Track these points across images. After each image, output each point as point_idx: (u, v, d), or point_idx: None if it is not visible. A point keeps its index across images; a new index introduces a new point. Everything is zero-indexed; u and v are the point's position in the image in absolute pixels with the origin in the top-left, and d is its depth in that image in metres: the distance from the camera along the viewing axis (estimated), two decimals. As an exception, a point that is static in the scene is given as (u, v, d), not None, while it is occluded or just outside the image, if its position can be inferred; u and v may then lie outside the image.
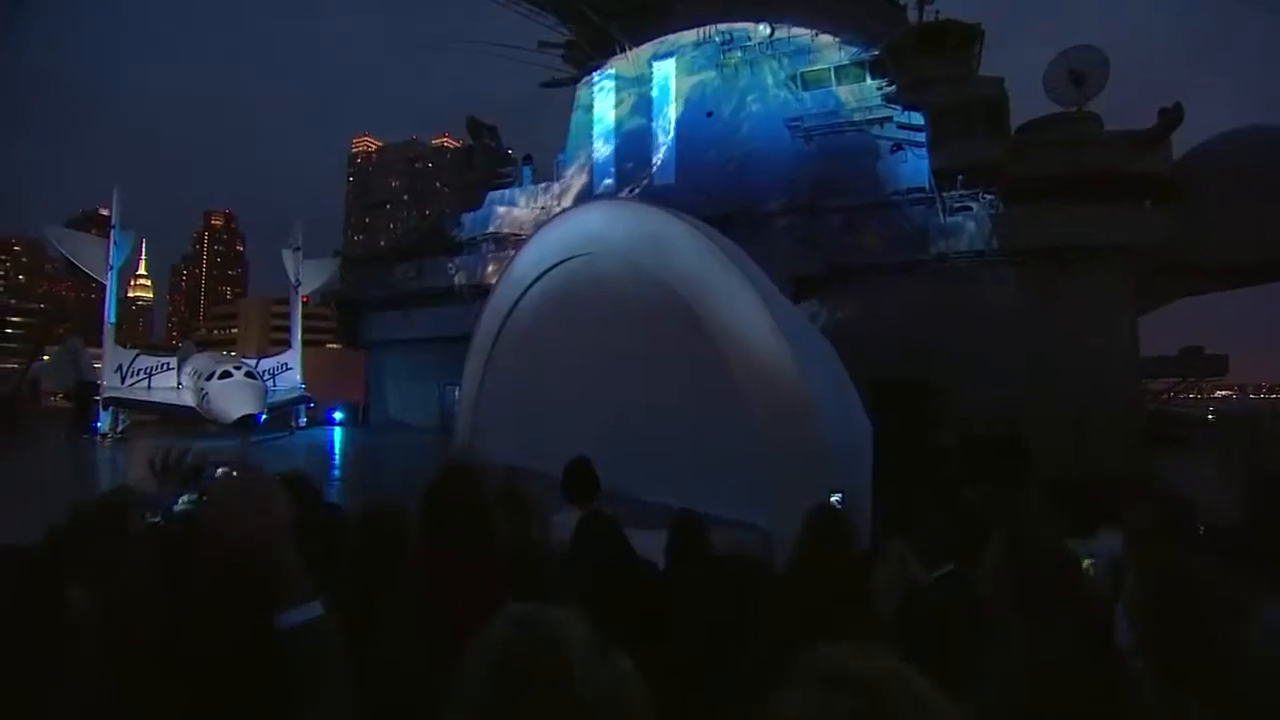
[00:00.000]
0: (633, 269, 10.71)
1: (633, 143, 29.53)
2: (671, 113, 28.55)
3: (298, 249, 31.48)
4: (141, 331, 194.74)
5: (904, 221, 22.50)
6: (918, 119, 22.18)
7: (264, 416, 21.51)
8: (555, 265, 12.66)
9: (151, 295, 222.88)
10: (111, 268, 24.99)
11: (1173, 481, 15.05)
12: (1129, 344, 21.31)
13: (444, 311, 29.15)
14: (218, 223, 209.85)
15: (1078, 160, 21.06)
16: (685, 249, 9.70)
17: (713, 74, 27.40)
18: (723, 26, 27.01)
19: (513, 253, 14.36)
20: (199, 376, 22.05)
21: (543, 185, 32.21)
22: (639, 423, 10.56)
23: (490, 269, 27.03)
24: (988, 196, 20.81)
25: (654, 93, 29.11)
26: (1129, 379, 21.20)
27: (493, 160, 34.80)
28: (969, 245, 21.09)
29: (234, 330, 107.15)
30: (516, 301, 13.86)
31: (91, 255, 25.54)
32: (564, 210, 29.72)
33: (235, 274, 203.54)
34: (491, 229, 31.41)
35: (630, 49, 29.14)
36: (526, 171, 32.96)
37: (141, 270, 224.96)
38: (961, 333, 20.81)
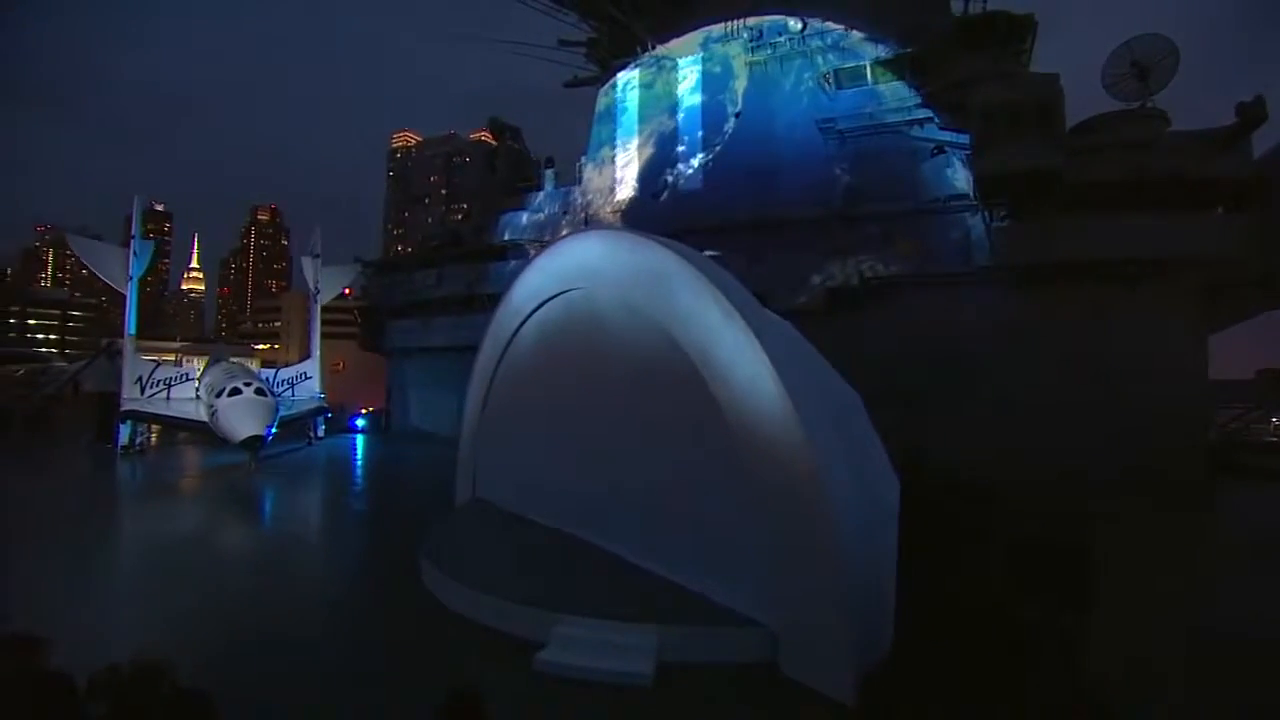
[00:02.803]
0: (630, 309, 9.66)
1: (658, 146, 28.30)
2: (698, 114, 27.22)
3: (317, 256, 31.17)
4: (193, 324, 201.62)
5: (945, 231, 20.84)
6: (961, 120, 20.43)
7: (273, 432, 21.09)
8: (553, 297, 11.70)
9: (203, 288, 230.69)
10: (131, 278, 24.88)
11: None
12: (1199, 366, 19.34)
13: (463, 320, 28.54)
14: (264, 217, 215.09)
15: (1143, 164, 19.05)
16: (685, 290, 8.57)
17: (741, 72, 25.94)
18: (751, 22, 25.52)
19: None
20: (211, 391, 21.74)
21: (564, 189, 31.23)
22: (635, 479, 9.54)
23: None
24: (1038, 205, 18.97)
25: (679, 93, 27.81)
26: (1199, 406, 19.26)
27: (515, 163, 33.94)
28: (1016, 257, 19.35)
29: (277, 324, 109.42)
30: (516, 330, 12.97)
31: (112, 265, 25.46)
32: (561, 236, 28.98)
33: (280, 267, 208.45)
34: (518, 236, 30.65)
35: (654, 47, 27.86)
36: (548, 175, 32.02)
37: (194, 264, 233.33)
38: (1009, 352, 19.23)
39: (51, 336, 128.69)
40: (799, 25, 24.46)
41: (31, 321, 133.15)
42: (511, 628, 7.97)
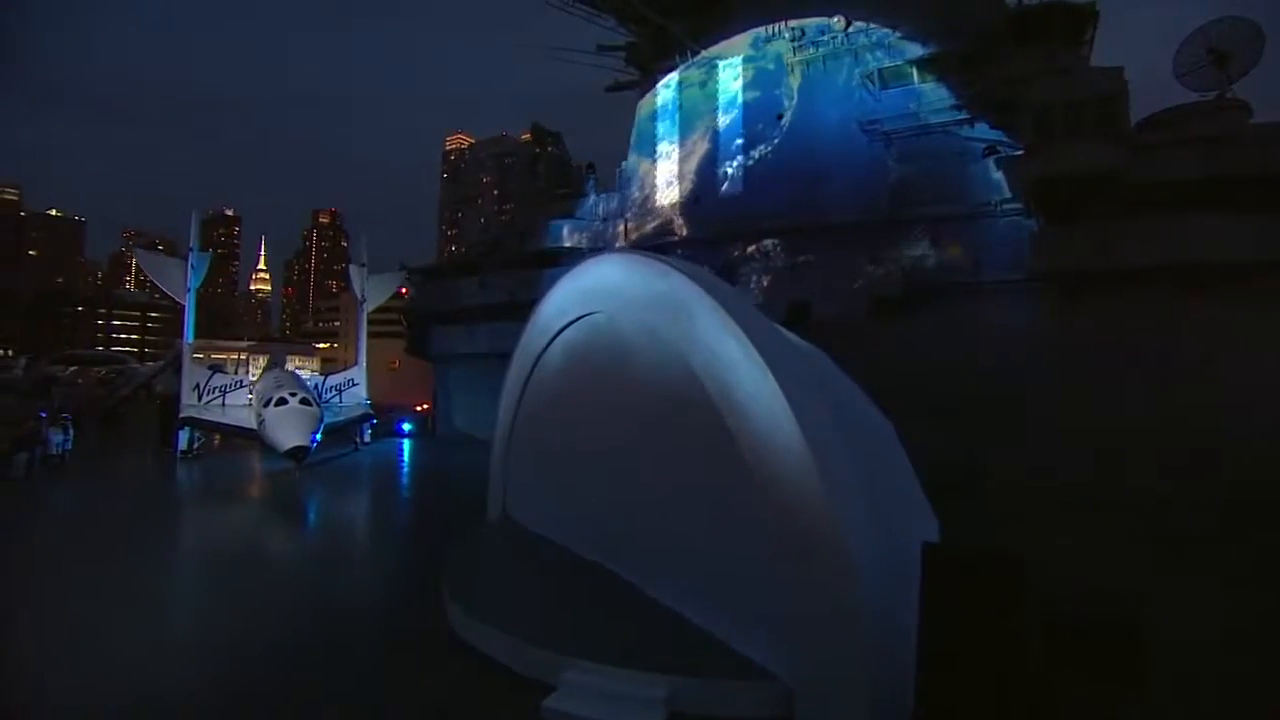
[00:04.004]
0: (651, 335, 9.40)
1: (706, 149, 27.82)
2: (745, 117, 26.62)
3: (363, 265, 31.91)
4: (260, 323, 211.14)
5: (997, 235, 19.78)
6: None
7: (318, 439, 21.66)
8: (578, 318, 11.54)
9: (270, 289, 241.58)
10: (189, 290, 25.96)
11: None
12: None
13: (506, 327, 28.69)
14: (325, 220, 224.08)
15: (1219, 160, 17.62)
16: (704, 322, 8.25)
17: (783, 74, 25.28)
18: (794, 23, 24.82)
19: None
20: (260, 400, 22.47)
21: (610, 194, 31.09)
22: (656, 512, 9.30)
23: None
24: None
25: (727, 95, 27.26)
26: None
27: (557, 169, 33.96)
28: (1074, 263, 18.17)
29: (337, 324, 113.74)
30: (544, 350, 12.88)
31: (172, 277, 26.68)
32: (616, 242, 28.94)
33: (340, 268, 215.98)
34: (567, 243, 30.62)
35: (693, 53, 27.37)
36: (590, 182, 31.94)
37: (261, 265, 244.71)
38: (1066, 361, 18.14)
39: (132, 337, 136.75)
40: (843, 24, 23.62)
41: (116, 322, 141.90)
42: (524, 668, 7.84)
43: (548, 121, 36.20)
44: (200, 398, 25.02)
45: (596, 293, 10.82)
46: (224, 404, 25.15)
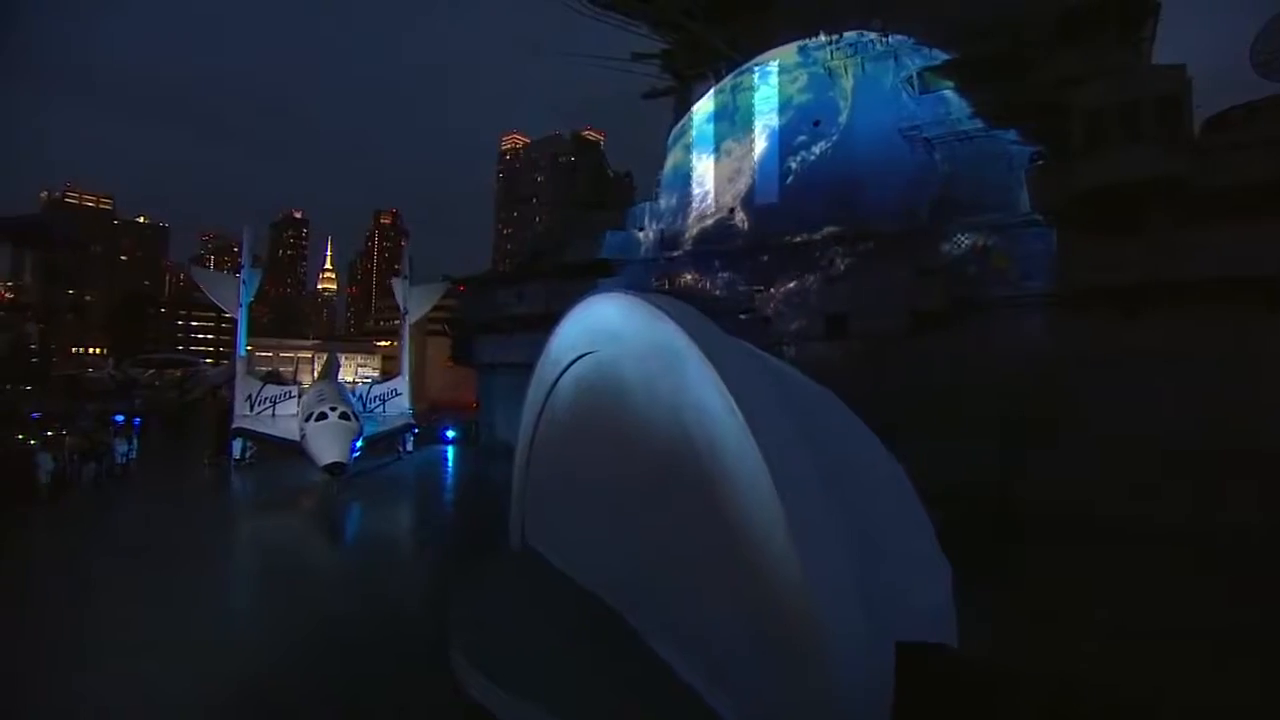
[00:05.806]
0: (648, 385, 9.22)
1: (747, 156, 27.11)
2: (788, 123, 25.85)
3: (406, 277, 32.62)
4: (326, 321, 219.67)
5: (1043, 246, 18.62)
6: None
7: (357, 451, 22.24)
8: (584, 355, 11.46)
9: (335, 288, 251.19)
10: (241, 304, 27.06)
11: None
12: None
13: (541, 338, 28.70)
14: (386, 221, 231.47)
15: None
16: (697, 378, 7.95)
17: (820, 79, 24.44)
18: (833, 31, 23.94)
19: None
20: (302, 414, 23.15)
21: (641, 206, 30.79)
22: (655, 562, 9.11)
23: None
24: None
25: (769, 101, 26.49)
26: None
27: (595, 179, 33.77)
28: (1129, 275, 16.93)
29: (397, 322, 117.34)
30: (556, 380, 12.88)
31: (226, 291, 27.93)
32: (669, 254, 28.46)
33: (399, 268, 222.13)
34: (618, 253, 30.34)
35: (731, 58, 26.68)
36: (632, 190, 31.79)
37: (327, 265, 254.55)
38: (1118, 384, 16.99)
39: (208, 337, 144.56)
40: (881, 24, 22.60)
41: (194, 323, 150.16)
42: (512, 721, 7.81)
43: (593, 123, 36.39)
44: (252, 408, 26.07)
45: (599, 333, 10.73)
46: (274, 414, 26.12)
